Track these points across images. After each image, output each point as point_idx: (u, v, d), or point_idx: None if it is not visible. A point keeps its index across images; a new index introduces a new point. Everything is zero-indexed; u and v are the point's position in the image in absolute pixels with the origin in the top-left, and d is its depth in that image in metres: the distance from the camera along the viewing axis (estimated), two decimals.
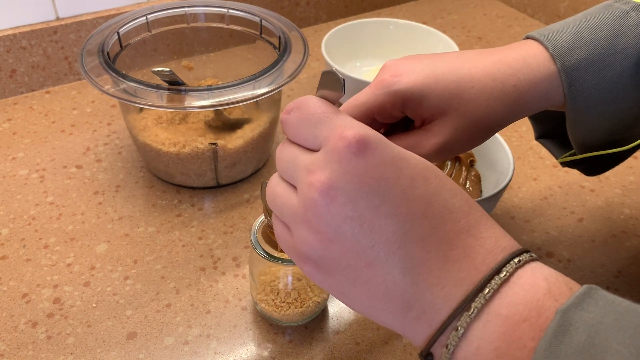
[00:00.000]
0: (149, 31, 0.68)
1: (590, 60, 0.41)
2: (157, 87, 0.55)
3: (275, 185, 0.33)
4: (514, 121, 0.43)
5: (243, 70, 0.71)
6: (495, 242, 0.29)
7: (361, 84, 0.71)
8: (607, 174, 0.70)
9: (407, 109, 0.41)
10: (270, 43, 0.67)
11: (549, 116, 0.49)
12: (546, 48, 0.42)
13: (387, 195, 0.28)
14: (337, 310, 0.53)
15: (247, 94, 0.56)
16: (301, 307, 0.49)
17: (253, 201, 0.64)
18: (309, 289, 0.50)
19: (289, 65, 0.60)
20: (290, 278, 0.49)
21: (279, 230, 0.33)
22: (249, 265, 0.50)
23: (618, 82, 0.41)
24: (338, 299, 0.31)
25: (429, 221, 0.29)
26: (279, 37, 0.64)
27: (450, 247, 0.28)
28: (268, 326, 0.51)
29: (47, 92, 0.81)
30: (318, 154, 0.30)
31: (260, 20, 0.67)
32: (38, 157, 0.69)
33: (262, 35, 0.68)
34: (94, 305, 0.53)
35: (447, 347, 0.28)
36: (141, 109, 0.65)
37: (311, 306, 0.50)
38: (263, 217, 0.49)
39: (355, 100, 0.43)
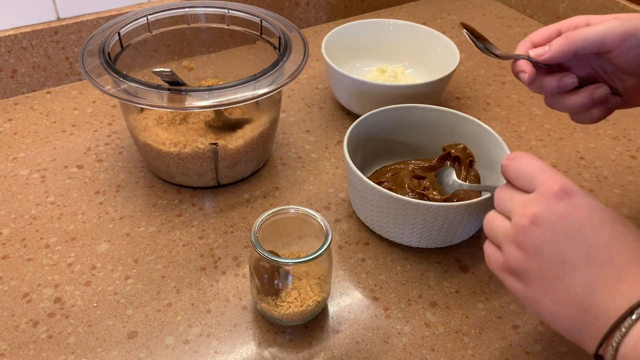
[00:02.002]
0: (150, 31, 0.68)
1: None
2: (158, 87, 0.55)
3: (493, 217, 0.43)
4: None
5: (243, 71, 0.71)
6: None
7: (361, 84, 0.71)
8: (605, 173, 0.70)
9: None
10: (271, 43, 0.67)
11: None
12: None
13: (579, 229, 0.38)
14: (337, 310, 0.53)
15: (248, 94, 0.56)
16: (301, 306, 0.49)
17: (253, 201, 0.65)
18: (309, 289, 0.50)
19: (289, 65, 0.60)
20: (290, 278, 0.50)
21: (490, 251, 0.43)
22: (249, 264, 0.50)
23: None
24: (528, 306, 0.41)
25: (610, 252, 0.37)
26: (279, 38, 0.65)
27: (623, 272, 0.37)
28: (268, 325, 0.52)
29: (48, 93, 0.81)
30: (531, 196, 0.40)
31: (261, 21, 0.67)
32: (39, 157, 0.69)
33: (263, 36, 0.68)
34: (95, 304, 0.53)
35: (612, 345, 0.35)
36: (142, 109, 0.65)
37: (311, 306, 0.50)
38: (265, 215, 0.50)
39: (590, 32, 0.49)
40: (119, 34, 0.64)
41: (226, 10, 0.69)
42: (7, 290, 0.54)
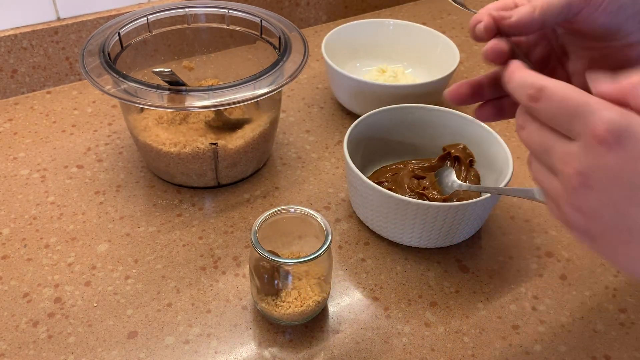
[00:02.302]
0: (150, 31, 0.68)
1: None
2: (158, 87, 0.55)
3: (536, 172, 0.36)
4: None
5: (243, 71, 0.71)
6: None
7: (361, 84, 0.71)
8: None
9: None
10: (271, 43, 0.67)
11: None
12: None
13: (639, 187, 0.31)
14: (337, 310, 0.53)
15: (248, 94, 0.56)
16: (301, 306, 0.49)
17: (253, 201, 0.65)
18: (309, 289, 0.50)
19: (289, 65, 0.60)
20: (290, 278, 0.50)
21: (549, 203, 0.36)
22: (249, 264, 0.50)
23: None
24: (604, 258, 0.36)
25: None
26: (279, 38, 0.65)
27: None
28: (268, 325, 0.52)
29: (48, 92, 0.81)
30: (573, 147, 0.32)
31: (261, 21, 0.67)
32: (39, 157, 0.69)
33: (263, 36, 0.68)
34: (95, 304, 0.53)
35: None
36: (142, 109, 0.65)
37: (311, 305, 0.50)
38: (265, 215, 0.50)
39: None
40: (119, 34, 0.64)
41: (226, 10, 0.69)
42: (7, 290, 0.54)
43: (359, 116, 0.63)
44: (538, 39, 0.44)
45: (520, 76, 0.35)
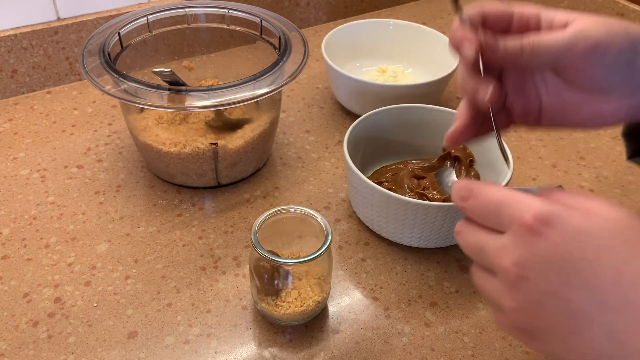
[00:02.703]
0: (150, 31, 0.68)
1: None
2: (158, 87, 0.55)
3: (479, 278, 0.37)
4: (631, 56, 0.40)
5: (243, 71, 0.71)
6: None
7: (361, 84, 0.71)
8: (605, 173, 0.70)
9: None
10: (271, 43, 0.67)
11: None
12: None
13: (574, 269, 0.31)
14: (337, 310, 0.53)
15: (248, 94, 0.56)
16: (301, 306, 0.49)
17: (253, 201, 0.65)
18: (309, 289, 0.50)
19: (289, 65, 0.60)
20: (290, 278, 0.50)
21: (496, 315, 0.36)
22: (249, 264, 0.50)
23: None
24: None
25: (622, 290, 0.30)
26: (279, 38, 0.65)
27: None
28: (268, 325, 0.52)
29: (48, 93, 0.81)
30: (504, 239, 0.33)
31: (261, 21, 0.67)
32: (39, 157, 0.69)
33: (263, 36, 0.68)
34: (95, 304, 0.53)
35: None
36: (142, 109, 0.65)
37: (311, 306, 0.50)
38: (265, 215, 0.50)
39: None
40: (119, 34, 0.64)
41: (226, 10, 0.69)
42: (7, 290, 0.54)
43: (359, 116, 0.63)
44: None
45: (456, 185, 0.36)
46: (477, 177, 0.62)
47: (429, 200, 0.58)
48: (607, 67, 0.40)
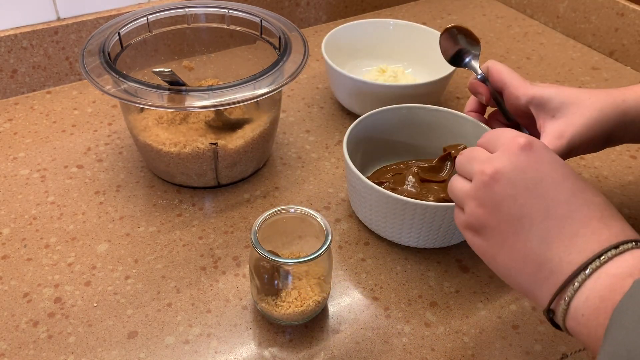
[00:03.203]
0: (150, 31, 0.68)
1: None
2: (158, 87, 0.55)
3: (455, 180, 0.43)
4: (626, 134, 0.52)
5: (243, 71, 0.71)
6: (621, 230, 0.36)
7: (361, 84, 0.71)
8: (605, 173, 0.70)
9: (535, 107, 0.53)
10: (271, 43, 0.67)
11: None
12: None
13: (541, 182, 0.37)
14: (337, 310, 0.53)
15: (248, 94, 0.56)
16: (301, 306, 0.49)
17: (253, 201, 0.65)
18: (309, 289, 0.50)
19: (289, 65, 0.60)
20: (290, 278, 0.50)
21: (456, 212, 0.43)
22: (249, 264, 0.50)
23: None
24: (485, 261, 0.41)
25: (570, 206, 0.37)
26: (279, 38, 0.65)
27: (582, 226, 0.36)
28: (268, 325, 0.52)
29: (48, 92, 0.81)
30: (494, 154, 0.40)
31: (261, 21, 0.67)
32: (39, 157, 0.69)
33: (263, 36, 0.68)
34: (95, 304, 0.53)
35: (564, 299, 0.35)
36: (142, 109, 0.65)
37: (311, 305, 0.50)
38: (265, 215, 0.50)
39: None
40: (119, 34, 0.64)
41: (226, 10, 0.69)
42: (7, 290, 0.54)
43: (359, 116, 0.63)
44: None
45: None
46: None
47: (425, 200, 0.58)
48: (601, 143, 0.52)
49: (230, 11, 0.69)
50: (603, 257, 0.35)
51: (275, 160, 0.71)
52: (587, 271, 0.34)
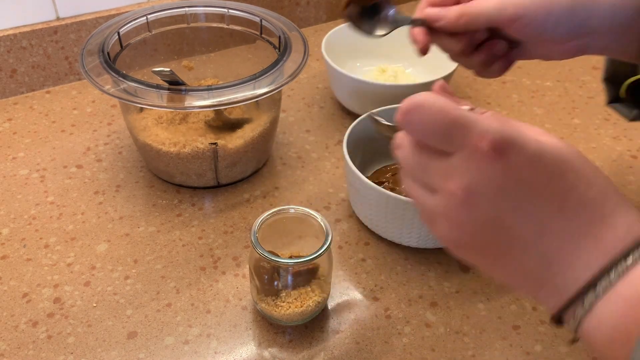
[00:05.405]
0: (149, 31, 0.68)
1: None
2: (158, 87, 0.55)
3: (410, 189, 0.35)
4: (580, 20, 0.45)
5: (243, 70, 0.71)
6: (627, 230, 0.31)
7: (361, 84, 0.71)
8: (605, 173, 0.70)
9: None
10: (271, 43, 0.67)
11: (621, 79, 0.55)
12: None
13: (525, 196, 0.30)
14: (337, 310, 0.53)
15: (247, 93, 0.56)
16: (301, 306, 0.49)
17: (253, 201, 0.65)
18: (309, 289, 0.50)
19: (289, 65, 0.60)
20: (290, 278, 0.50)
21: (427, 223, 0.35)
22: (249, 264, 0.50)
23: None
24: (480, 270, 0.36)
25: (565, 215, 0.31)
26: (279, 37, 0.65)
27: (583, 237, 0.31)
28: (268, 326, 0.51)
29: (48, 92, 0.81)
30: (454, 160, 0.31)
31: (261, 20, 0.67)
32: (38, 156, 0.69)
33: (262, 35, 0.68)
34: (95, 304, 0.53)
35: (574, 317, 0.31)
36: (141, 109, 0.65)
37: (311, 306, 0.50)
38: (265, 215, 0.50)
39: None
40: (118, 33, 0.64)
41: (226, 10, 0.69)
42: (6, 290, 0.54)
43: (359, 116, 0.63)
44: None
45: (408, 99, 0.33)
46: None
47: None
48: (546, 25, 0.46)
49: (230, 10, 0.69)
50: (612, 274, 0.30)
51: (275, 160, 0.71)
52: (597, 290, 0.30)
